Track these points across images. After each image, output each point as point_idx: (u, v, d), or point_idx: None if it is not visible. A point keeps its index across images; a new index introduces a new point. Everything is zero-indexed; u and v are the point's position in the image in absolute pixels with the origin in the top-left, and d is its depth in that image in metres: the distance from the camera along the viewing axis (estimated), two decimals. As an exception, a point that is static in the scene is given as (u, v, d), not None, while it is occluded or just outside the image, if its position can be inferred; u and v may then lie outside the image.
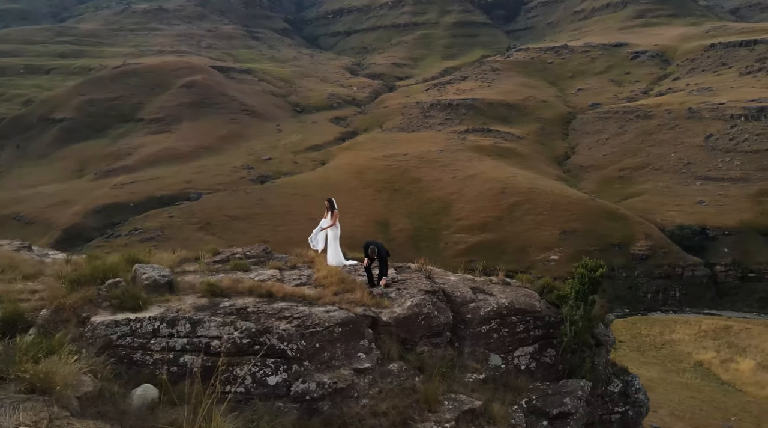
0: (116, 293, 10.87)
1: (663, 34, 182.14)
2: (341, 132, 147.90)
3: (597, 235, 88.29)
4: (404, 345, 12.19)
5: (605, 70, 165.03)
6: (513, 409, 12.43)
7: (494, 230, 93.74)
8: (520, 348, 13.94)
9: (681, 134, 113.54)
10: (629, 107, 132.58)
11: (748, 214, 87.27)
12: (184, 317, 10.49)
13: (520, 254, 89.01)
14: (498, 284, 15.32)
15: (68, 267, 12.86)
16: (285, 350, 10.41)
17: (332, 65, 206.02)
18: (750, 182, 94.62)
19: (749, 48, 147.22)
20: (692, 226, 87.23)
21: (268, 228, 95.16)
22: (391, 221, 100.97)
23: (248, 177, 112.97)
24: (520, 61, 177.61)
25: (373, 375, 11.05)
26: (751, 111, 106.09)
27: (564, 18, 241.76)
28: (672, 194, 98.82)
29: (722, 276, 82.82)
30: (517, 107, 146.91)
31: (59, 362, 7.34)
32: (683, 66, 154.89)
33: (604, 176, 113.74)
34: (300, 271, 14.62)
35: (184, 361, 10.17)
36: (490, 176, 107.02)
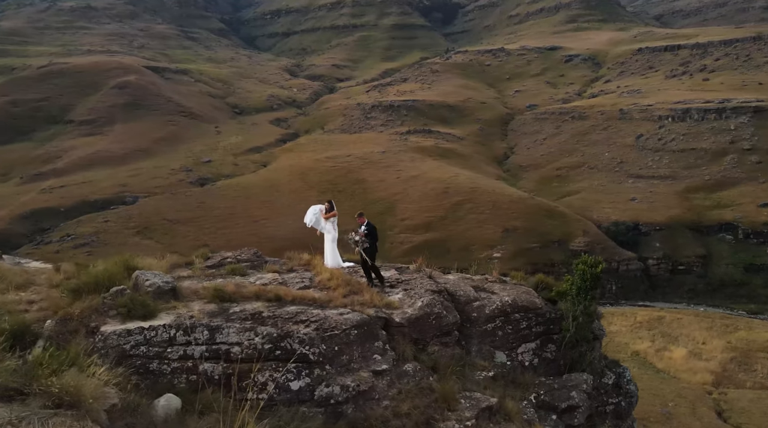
0: (122, 302, 10.53)
1: (594, 38, 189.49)
2: (282, 134, 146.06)
3: (537, 232, 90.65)
4: (416, 345, 12.20)
5: (541, 72, 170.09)
6: (523, 405, 12.62)
7: (438, 229, 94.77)
8: (523, 344, 14.14)
9: (613, 134, 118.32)
10: (564, 108, 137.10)
11: (677, 210, 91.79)
12: (201, 324, 10.18)
13: (464, 253, 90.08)
14: (495, 282, 15.46)
15: (60, 276, 12.35)
16: (307, 354, 10.27)
17: (271, 66, 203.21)
18: (678, 179, 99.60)
19: (673, 52, 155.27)
20: (626, 222, 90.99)
21: (210, 231, 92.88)
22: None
23: (187, 180, 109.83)
24: (458, 63, 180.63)
25: (390, 377, 11.08)
26: (678, 112, 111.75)
27: (500, 22, 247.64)
28: (606, 192, 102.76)
29: (654, 269, 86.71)
30: (457, 108, 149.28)
31: (82, 374, 7.08)
32: (614, 69, 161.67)
33: (543, 175, 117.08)
34: (299, 274, 14.41)
35: (204, 369, 9.94)
36: (432, 176, 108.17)
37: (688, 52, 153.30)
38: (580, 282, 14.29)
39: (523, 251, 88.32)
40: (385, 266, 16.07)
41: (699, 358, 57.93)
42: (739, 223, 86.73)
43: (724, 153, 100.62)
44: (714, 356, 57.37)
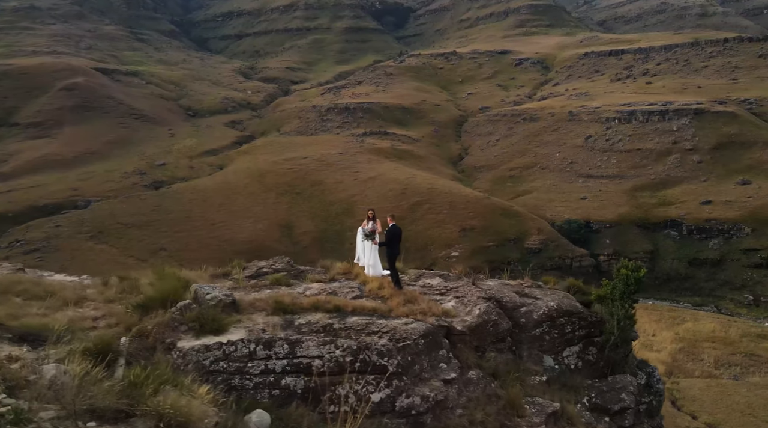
0: (192, 316, 10.34)
1: (542, 42, 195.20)
2: (238, 136, 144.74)
3: (494, 231, 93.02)
4: (476, 353, 12.28)
5: (492, 75, 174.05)
6: (578, 408, 12.65)
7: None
8: (567, 348, 14.22)
9: (563, 135, 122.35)
10: (516, 110, 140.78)
11: (625, 208, 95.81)
12: (280, 338, 10.15)
13: (423, 252, 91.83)
14: (532, 287, 15.51)
15: (112, 290, 12.19)
16: (386, 365, 10.19)
17: (224, 69, 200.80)
18: (625, 178, 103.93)
19: (618, 57, 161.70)
20: (578, 220, 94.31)
21: (167, 235, 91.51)
22: (295, 224, 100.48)
23: (141, 183, 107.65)
24: (412, 66, 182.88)
25: (458, 385, 11.09)
26: (624, 114, 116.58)
27: (451, 26, 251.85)
28: (558, 191, 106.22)
29: (605, 265, 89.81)
30: (412, 110, 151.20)
31: (182, 393, 6.95)
32: (562, 72, 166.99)
33: (497, 175, 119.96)
34: (345, 283, 14.23)
35: (287, 383, 9.85)
36: (390, 177, 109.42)
37: (631, 56, 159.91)
38: (624, 287, 14.56)
39: (480, 250, 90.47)
40: (429, 274, 16.21)
41: (650, 349, 60.28)
42: (683, 220, 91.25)
43: (667, 153, 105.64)
44: (664, 347, 59.89)
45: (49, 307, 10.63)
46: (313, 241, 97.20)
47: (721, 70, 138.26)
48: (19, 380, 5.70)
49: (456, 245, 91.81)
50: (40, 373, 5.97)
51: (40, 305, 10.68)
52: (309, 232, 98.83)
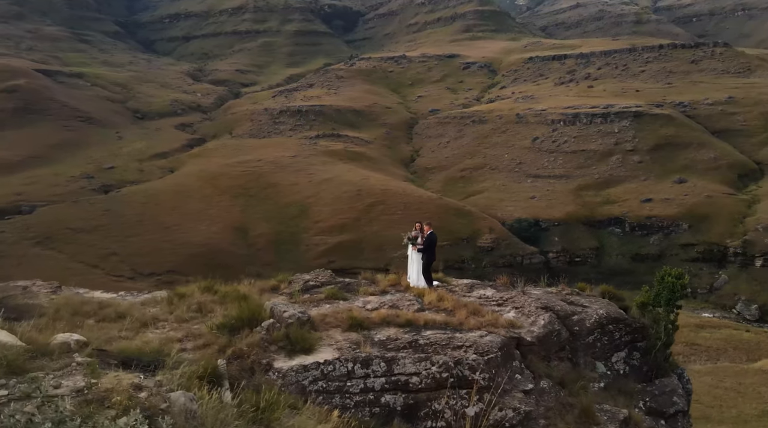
0: (279, 336, 10.32)
1: (488, 47, 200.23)
2: (188, 139, 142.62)
3: (447, 231, 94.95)
4: (543, 362, 12.52)
5: (441, 78, 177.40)
6: (637, 413, 12.97)
7: (352, 230, 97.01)
8: (615, 354, 14.55)
9: (511, 137, 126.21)
10: (465, 112, 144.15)
11: (572, 206, 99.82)
12: (377, 357, 10.24)
13: (378, 253, 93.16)
14: (571, 294, 15.88)
15: (181, 309, 11.92)
16: (477, 379, 10.35)
17: (172, 71, 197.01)
18: (571, 178, 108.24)
19: (561, 62, 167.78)
20: (528, 219, 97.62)
21: (118, 240, 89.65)
22: (249, 226, 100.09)
23: (89, 187, 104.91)
24: (363, 69, 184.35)
25: (535, 396, 11.28)
26: (568, 117, 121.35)
27: (400, 30, 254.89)
28: (508, 191, 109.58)
29: (554, 262, 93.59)
30: (363, 112, 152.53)
31: (307, 419, 6.92)
32: (508, 76, 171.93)
33: (448, 176, 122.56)
34: (398, 296, 14.19)
35: (386, 401, 9.94)
36: (344, 179, 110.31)
37: (573, 61, 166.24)
38: (670, 294, 14.96)
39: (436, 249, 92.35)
40: (480, 285, 16.41)
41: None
42: (626, 217, 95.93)
43: (610, 154, 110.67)
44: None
45: (129, 329, 10.49)
46: (268, 243, 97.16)
47: (657, 74, 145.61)
48: (154, 409, 5.68)
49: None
50: (169, 401, 5.91)
51: (119, 327, 10.48)
52: (264, 234, 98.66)
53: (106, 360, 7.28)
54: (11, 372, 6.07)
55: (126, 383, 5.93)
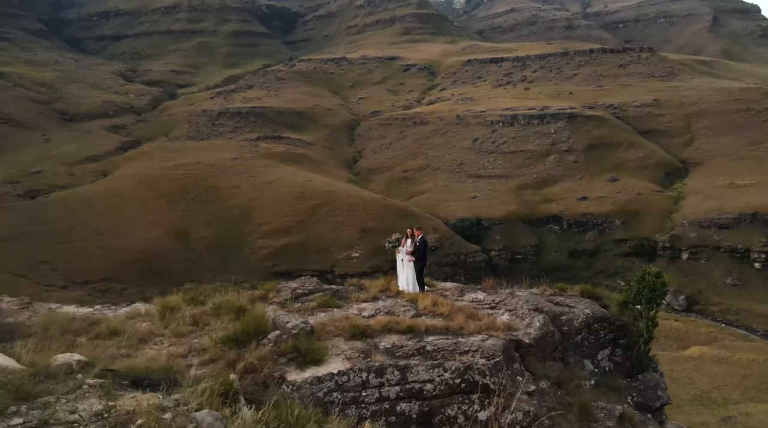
0: (288, 347, 10.13)
1: (428, 49, 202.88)
2: (122, 141, 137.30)
3: (392, 231, 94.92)
4: (541, 363, 12.55)
5: (382, 80, 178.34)
6: (627, 408, 13.14)
7: (297, 232, 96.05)
8: (600, 351, 14.81)
9: (452, 138, 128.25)
10: (406, 114, 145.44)
11: (512, 205, 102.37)
12: (390, 365, 10.12)
13: (324, 254, 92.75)
14: (555, 295, 16.01)
15: (176, 323, 11.36)
16: (488, 384, 10.38)
17: (103, 71, 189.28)
18: (511, 178, 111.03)
19: (498, 64, 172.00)
20: (470, 218, 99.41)
21: (48, 248, 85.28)
22: (190, 231, 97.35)
23: (14, 192, 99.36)
24: (303, 71, 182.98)
25: (537, 397, 11.38)
26: (507, 118, 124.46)
27: (339, 32, 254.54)
28: (450, 191, 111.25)
29: (496, 259, 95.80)
30: (305, 114, 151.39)
31: None
32: (447, 78, 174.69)
33: (391, 177, 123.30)
34: (390, 302, 14.04)
35: (402, 409, 9.94)
36: (288, 181, 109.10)
37: (510, 64, 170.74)
38: (651, 292, 15.26)
39: (380, 250, 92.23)
40: (469, 289, 16.28)
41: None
42: (564, 215, 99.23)
43: (547, 154, 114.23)
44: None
45: (127, 346, 10.06)
46: (211, 247, 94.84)
47: (588, 77, 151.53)
48: None
49: (356, 246, 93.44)
50: (195, 421, 5.80)
51: (116, 345, 10.01)
52: (206, 239, 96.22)
53: (117, 381, 7.08)
54: (20, 397, 5.81)
55: (146, 404, 5.77)
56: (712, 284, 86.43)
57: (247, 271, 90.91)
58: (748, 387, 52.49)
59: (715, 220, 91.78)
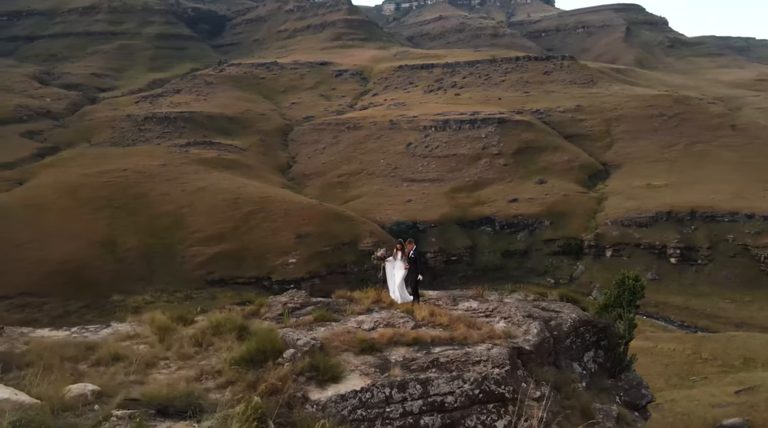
0: (305, 366, 9.93)
1: (359, 55, 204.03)
2: (38, 148, 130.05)
3: (329, 236, 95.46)
4: (540, 368, 12.68)
5: (314, 86, 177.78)
6: (619, 408, 13.48)
7: (232, 239, 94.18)
8: (585, 354, 15.14)
9: (386, 142, 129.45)
10: (340, 119, 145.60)
11: (446, 208, 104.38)
12: (412, 379, 10.07)
13: (260, 261, 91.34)
14: (538, 300, 16.34)
15: (178, 344, 10.83)
16: (503, 393, 10.52)
17: (15, 73, 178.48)
18: (444, 181, 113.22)
19: (429, 71, 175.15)
20: (406, 221, 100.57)
21: (-43, 262, 79.45)
22: (118, 240, 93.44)
23: None
24: (233, 75, 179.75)
25: (542, 402, 11.29)
26: (439, 123, 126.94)
27: (269, 36, 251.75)
28: (385, 195, 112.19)
29: (433, 262, 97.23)
30: (236, 119, 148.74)
31: None
32: (379, 84, 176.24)
33: (326, 182, 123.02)
34: (385, 314, 13.97)
35: (425, 423, 9.93)
36: (220, 187, 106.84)
37: (440, 70, 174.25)
38: (631, 295, 15.86)
39: (317, 255, 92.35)
40: (462, 297, 16.32)
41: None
42: (496, 217, 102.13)
43: (478, 158, 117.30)
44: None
45: (135, 371, 9.67)
46: (140, 257, 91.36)
47: (515, 84, 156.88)
48: None
49: (293, 252, 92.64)
50: None
51: (123, 371, 9.54)
52: (134, 248, 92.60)
53: (143, 410, 6.84)
54: None
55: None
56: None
57: (179, 280, 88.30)
58: (670, 375, 55.69)
59: (634, 219, 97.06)
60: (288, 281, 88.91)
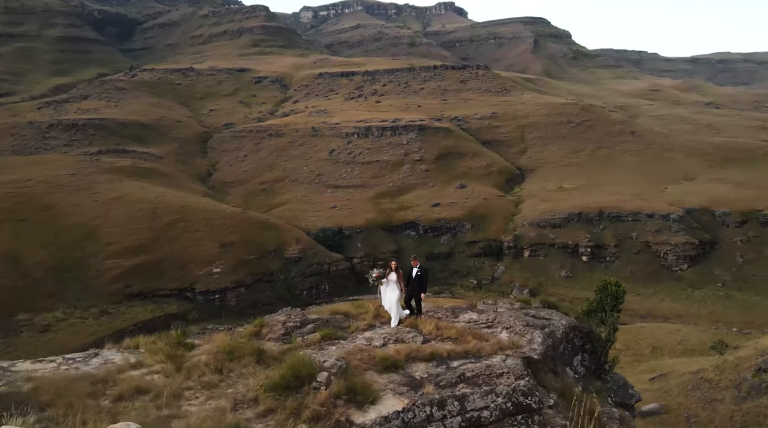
0: (341, 389, 9.75)
1: (278, 62, 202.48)
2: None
3: (254, 244, 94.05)
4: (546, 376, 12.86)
5: (233, 92, 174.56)
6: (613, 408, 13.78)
7: (151, 251, 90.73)
8: (574, 358, 15.49)
9: (309, 149, 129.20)
10: (261, 126, 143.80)
11: (371, 214, 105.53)
12: (450, 396, 10.14)
13: (182, 272, 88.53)
14: (526, 308, 16.68)
15: (197, 373, 10.23)
16: (530, 404, 10.69)
17: None
18: (368, 187, 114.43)
19: (349, 78, 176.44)
20: (332, 228, 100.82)
21: None
22: (22, 254, 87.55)
23: None
24: (146, 81, 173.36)
25: (555, 409, 11.67)
26: (361, 130, 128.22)
27: (183, 41, 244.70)
28: (310, 202, 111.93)
29: (359, 267, 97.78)
30: (151, 126, 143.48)
31: None
32: (300, 91, 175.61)
33: (248, 189, 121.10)
34: (388, 329, 13.85)
35: None
36: (137, 197, 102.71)
37: (360, 78, 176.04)
38: (614, 300, 16.40)
39: (242, 264, 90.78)
40: (461, 309, 16.30)
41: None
42: (419, 221, 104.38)
43: (401, 163, 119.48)
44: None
45: (167, 405, 9.26)
46: (49, 272, 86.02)
47: (434, 92, 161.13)
48: None
49: (217, 261, 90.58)
50: None
51: (153, 405, 9.08)
52: (42, 262, 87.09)
53: None
54: None
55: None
56: (549, 277, 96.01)
57: (94, 295, 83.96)
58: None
59: (549, 220, 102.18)
60: (213, 292, 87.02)
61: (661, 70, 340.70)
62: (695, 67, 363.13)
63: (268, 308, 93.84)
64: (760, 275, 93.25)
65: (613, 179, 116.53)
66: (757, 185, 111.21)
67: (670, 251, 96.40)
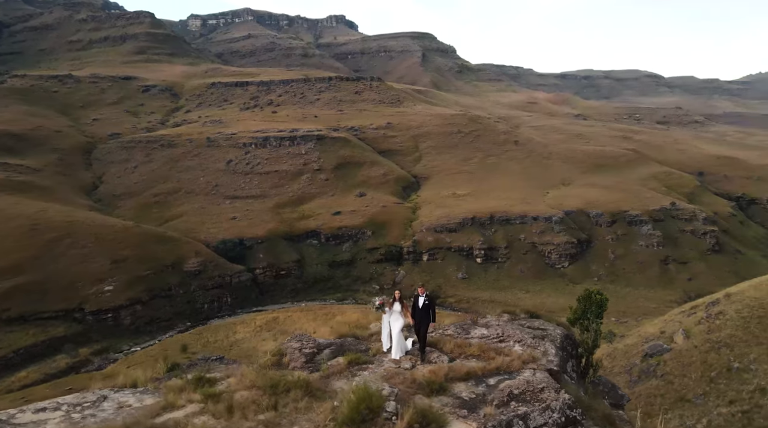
0: (414, 418, 9.67)
1: (167, 70, 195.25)
2: None
3: (149, 259, 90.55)
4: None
5: (118, 101, 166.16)
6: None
7: (32, 271, 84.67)
8: (566, 364, 15.82)
9: (205, 160, 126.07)
10: (151, 136, 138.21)
11: (272, 223, 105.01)
12: (514, 416, 10.34)
13: (69, 291, 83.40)
14: (517, 320, 17.07)
15: (263, 411, 9.84)
16: (575, 416, 10.96)
17: None
18: (268, 197, 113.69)
19: (243, 88, 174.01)
20: (232, 239, 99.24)
21: None
22: None
23: None
24: (18, 88, 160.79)
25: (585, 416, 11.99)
26: (259, 140, 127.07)
27: (59, 46, 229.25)
28: (208, 214, 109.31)
29: (261, 277, 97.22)
30: (25, 137, 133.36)
31: None
32: (192, 100, 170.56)
33: (140, 202, 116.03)
34: (414, 350, 14.00)
35: None
36: (13, 212, 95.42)
37: (255, 88, 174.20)
38: (598, 308, 17.41)
39: (137, 280, 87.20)
40: (467, 325, 16.46)
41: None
42: (321, 229, 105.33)
43: (300, 173, 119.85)
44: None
45: None
46: None
47: (330, 102, 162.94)
48: None
49: (109, 279, 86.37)
50: None
51: None
52: None
53: None
54: None
55: None
56: (448, 279, 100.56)
57: (-30, 320, 76.97)
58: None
59: (445, 225, 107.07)
60: (105, 311, 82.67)
61: (535, 84, 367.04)
62: (564, 82, 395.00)
63: (167, 324, 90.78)
64: (629, 269, 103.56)
65: (501, 185, 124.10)
66: (622, 188, 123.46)
67: (553, 250, 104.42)
